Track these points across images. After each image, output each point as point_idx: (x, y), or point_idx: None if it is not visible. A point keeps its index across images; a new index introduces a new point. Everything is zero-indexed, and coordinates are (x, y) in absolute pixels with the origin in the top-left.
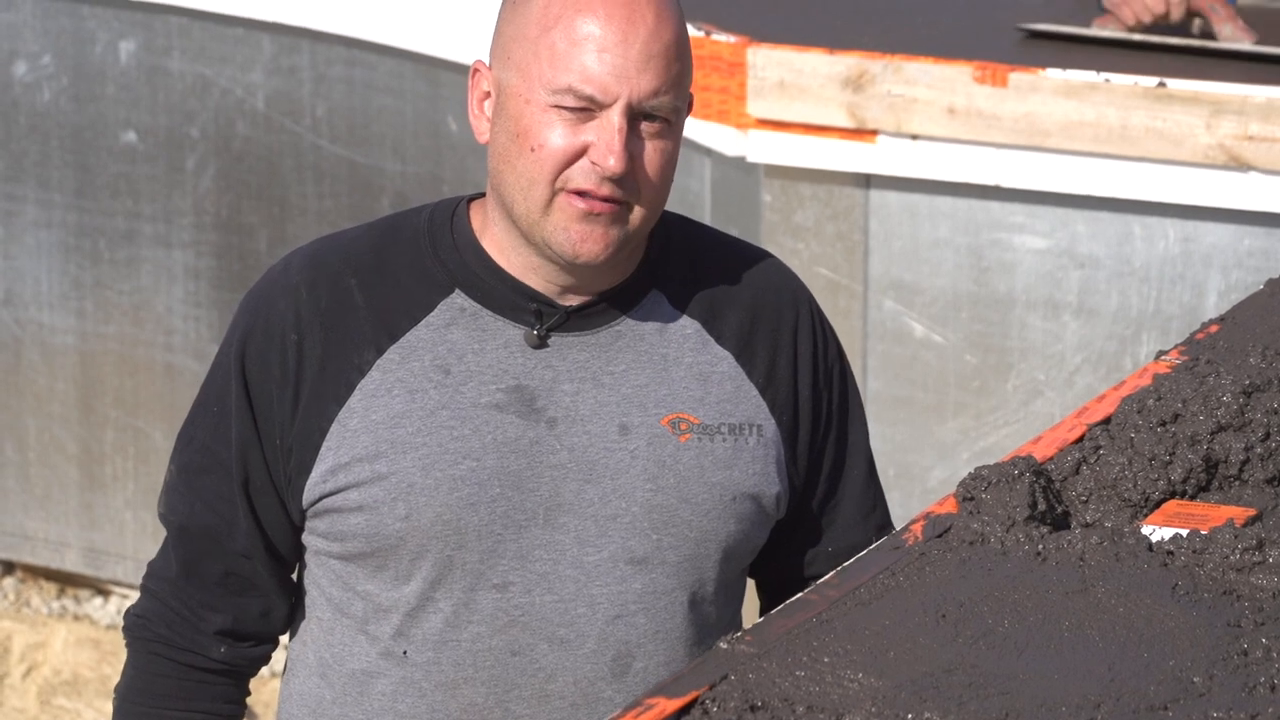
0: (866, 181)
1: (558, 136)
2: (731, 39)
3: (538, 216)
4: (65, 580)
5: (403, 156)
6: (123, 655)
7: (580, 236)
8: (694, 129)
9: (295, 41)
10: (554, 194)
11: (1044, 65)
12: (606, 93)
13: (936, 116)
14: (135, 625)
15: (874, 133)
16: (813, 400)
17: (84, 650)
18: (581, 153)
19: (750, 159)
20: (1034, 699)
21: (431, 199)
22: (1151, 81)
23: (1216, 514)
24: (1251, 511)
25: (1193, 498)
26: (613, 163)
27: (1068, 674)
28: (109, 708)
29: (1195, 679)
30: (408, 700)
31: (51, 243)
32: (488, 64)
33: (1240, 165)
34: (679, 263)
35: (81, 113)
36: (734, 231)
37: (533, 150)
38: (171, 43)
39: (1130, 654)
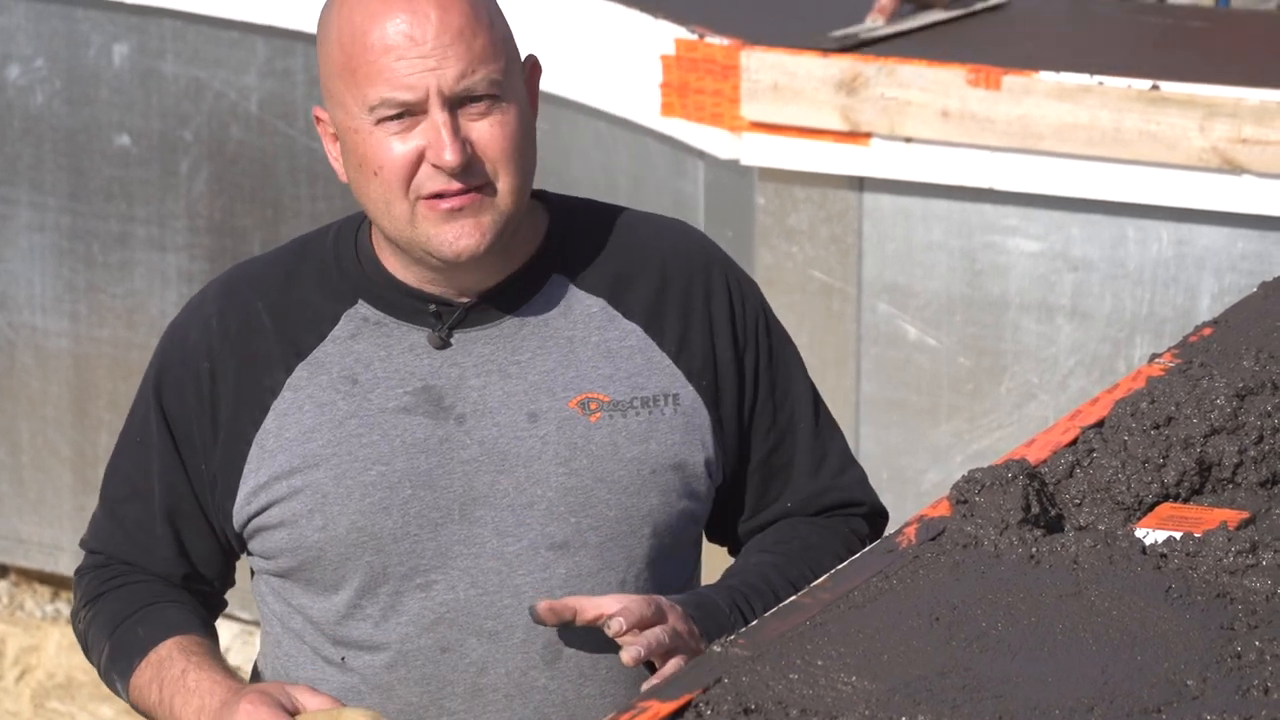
0: (860, 184)
1: (394, 151)
2: (725, 42)
3: (407, 232)
4: (59, 584)
5: None
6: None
7: (454, 235)
8: (687, 131)
9: (289, 44)
10: (412, 205)
11: (1037, 68)
12: (415, 90)
13: (930, 119)
14: (87, 576)
15: (868, 135)
16: (735, 360)
17: (77, 654)
18: (420, 158)
19: (744, 162)
20: (1027, 702)
21: None
22: (1145, 84)
23: (1210, 517)
24: (1245, 514)
25: (1186, 501)
26: (448, 156)
27: (1061, 677)
28: (103, 711)
29: (1189, 682)
30: (351, 704)
31: (45, 246)
32: (325, 109)
33: (1234, 168)
34: (581, 244)
35: (75, 116)
36: (728, 234)
37: (376, 174)
38: (165, 46)
39: (1124, 657)
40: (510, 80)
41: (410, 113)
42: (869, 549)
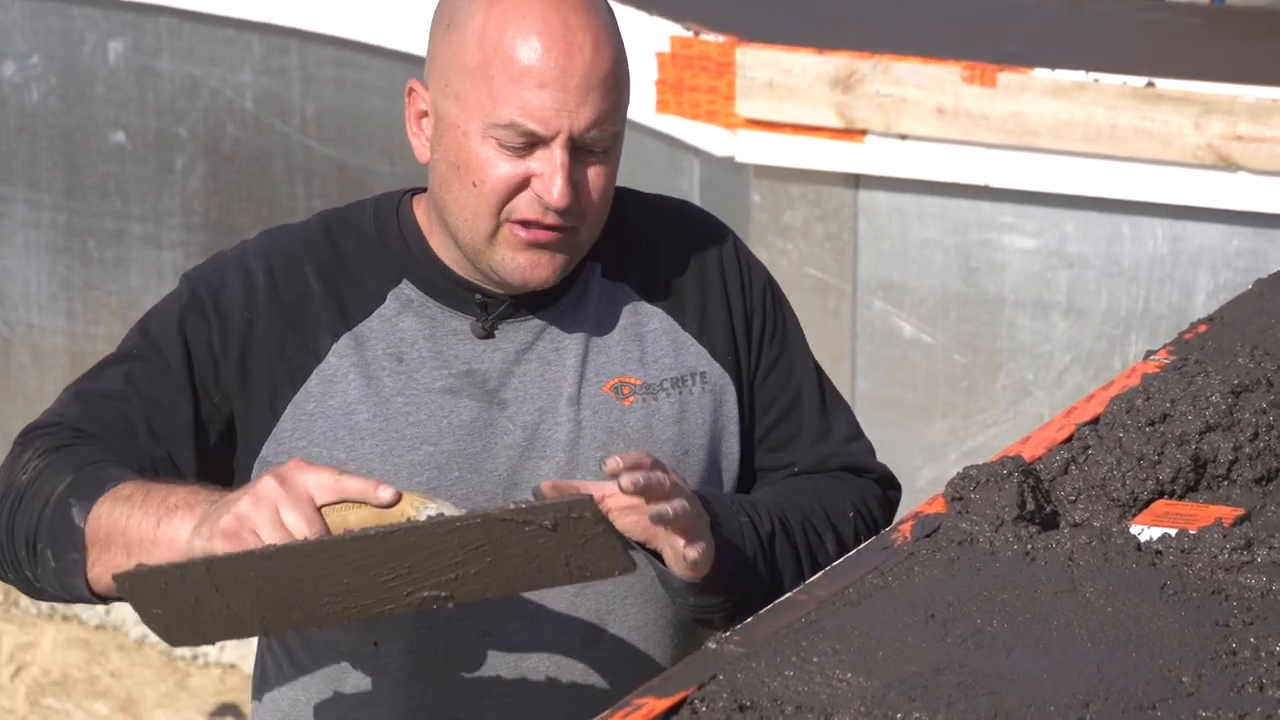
0: (855, 181)
1: (500, 170)
2: (720, 39)
3: (483, 246)
4: None
5: (392, 157)
6: (112, 655)
7: (529, 264)
8: (682, 129)
9: (284, 42)
10: (499, 225)
11: (1032, 65)
12: (548, 127)
13: (925, 116)
14: (44, 435)
15: (863, 133)
16: (747, 333)
17: (72, 650)
18: (525, 183)
19: (739, 159)
20: (1023, 699)
21: None
22: (1140, 81)
23: (1205, 514)
24: (1240, 511)
25: (1181, 497)
26: (557, 196)
27: (1056, 674)
28: (98, 707)
29: (1184, 679)
30: (383, 692)
31: (40, 243)
32: (424, 84)
33: (1229, 165)
34: (606, 232)
35: (70, 113)
36: None
37: (474, 185)
38: (161, 43)
39: (1119, 654)
40: (622, 133)
41: (529, 141)
42: (864, 545)
